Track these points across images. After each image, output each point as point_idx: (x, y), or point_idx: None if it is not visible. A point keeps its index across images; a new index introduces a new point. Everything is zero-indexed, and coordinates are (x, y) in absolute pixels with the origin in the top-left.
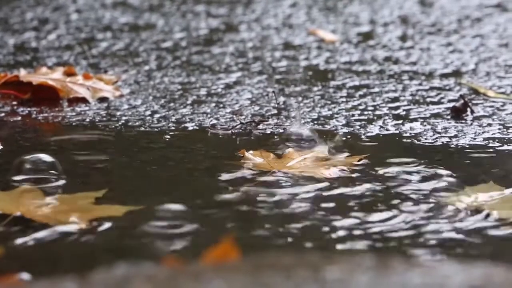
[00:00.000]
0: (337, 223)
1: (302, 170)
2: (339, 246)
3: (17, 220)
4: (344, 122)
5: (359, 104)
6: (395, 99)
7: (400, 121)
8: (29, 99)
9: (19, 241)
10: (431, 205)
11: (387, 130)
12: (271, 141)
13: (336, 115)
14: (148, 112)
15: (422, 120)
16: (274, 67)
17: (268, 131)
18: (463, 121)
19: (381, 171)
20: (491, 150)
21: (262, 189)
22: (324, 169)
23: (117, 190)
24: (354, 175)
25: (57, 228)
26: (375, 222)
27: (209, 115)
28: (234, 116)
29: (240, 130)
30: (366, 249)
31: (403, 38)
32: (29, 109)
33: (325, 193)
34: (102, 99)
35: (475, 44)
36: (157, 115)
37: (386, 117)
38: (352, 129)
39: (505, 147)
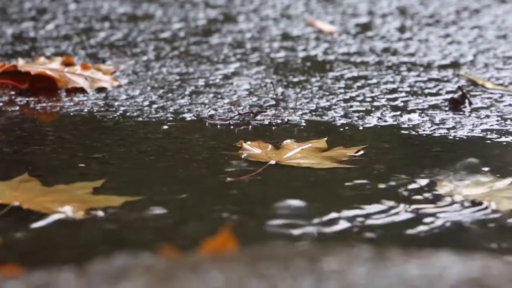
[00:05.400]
0: (334, 214)
1: (299, 161)
2: (336, 237)
3: (14, 210)
4: (342, 113)
5: (357, 95)
6: (393, 90)
7: (398, 112)
8: (27, 89)
9: (17, 231)
10: (429, 197)
11: (385, 121)
12: (269, 132)
13: (334, 106)
14: (146, 103)
15: (420, 111)
16: (272, 58)
17: (266, 122)
18: (461, 113)
19: (378, 162)
20: (489, 141)
21: (259, 179)
22: (322, 160)
23: (115, 180)
24: (351, 166)
25: (55, 218)
26: (372, 213)
27: (207, 106)
28: (232, 106)
29: (238, 121)
30: (363, 240)
31: (402, 29)
32: (27, 99)
33: (322, 184)
34: (100, 89)
35: (473, 35)
36: (155, 106)
37: (384, 108)
38: (350, 120)
39: (503, 138)
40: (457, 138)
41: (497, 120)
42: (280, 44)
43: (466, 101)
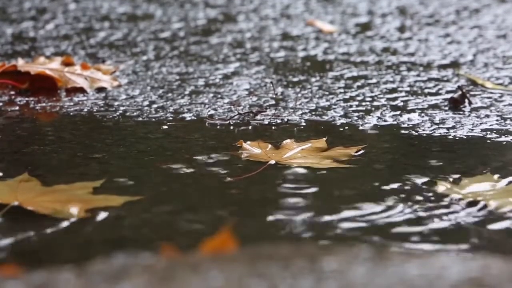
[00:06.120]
0: (334, 214)
1: (299, 161)
2: (336, 237)
3: (14, 210)
4: (342, 113)
5: (357, 95)
6: (393, 90)
7: (398, 112)
8: (27, 89)
9: (17, 231)
10: (428, 196)
11: (385, 121)
12: (268, 132)
13: (334, 106)
14: (146, 102)
15: (420, 111)
16: (272, 57)
17: (266, 122)
18: (461, 112)
19: (378, 161)
20: (488, 141)
21: (259, 179)
22: (322, 160)
23: (115, 180)
24: (351, 166)
25: (55, 218)
26: (372, 213)
27: (207, 106)
28: (232, 106)
29: (238, 121)
30: (363, 240)
31: (401, 29)
32: (27, 99)
33: (322, 184)
34: (100, 89)
35: (473, 35)
36: (155, 105)
37: (384, 108)
38: (350, 120)
39: (503, 138)
40: (457, 138)
41: (497, 120)
42: (280, 43)
43: (466, 100)
